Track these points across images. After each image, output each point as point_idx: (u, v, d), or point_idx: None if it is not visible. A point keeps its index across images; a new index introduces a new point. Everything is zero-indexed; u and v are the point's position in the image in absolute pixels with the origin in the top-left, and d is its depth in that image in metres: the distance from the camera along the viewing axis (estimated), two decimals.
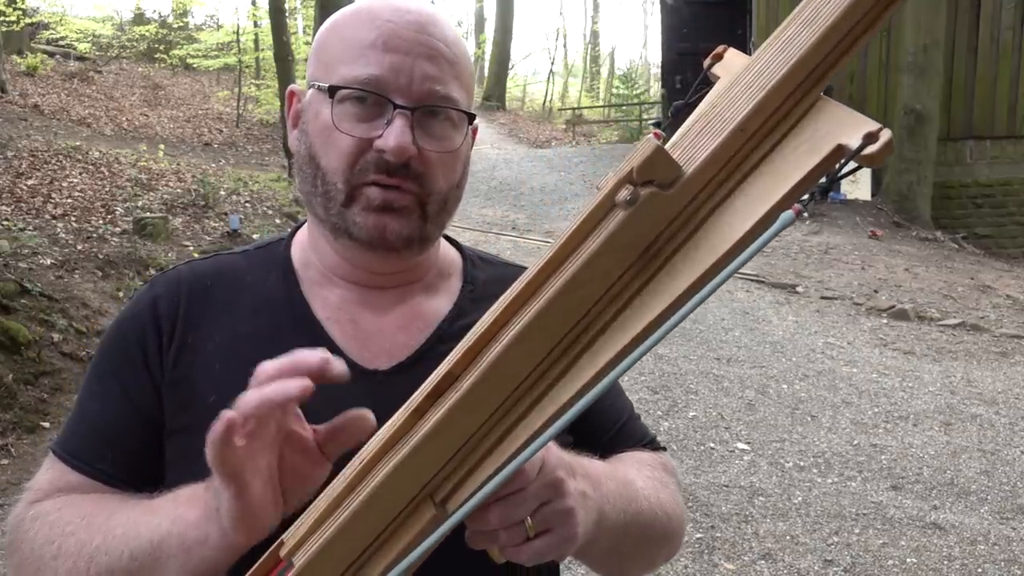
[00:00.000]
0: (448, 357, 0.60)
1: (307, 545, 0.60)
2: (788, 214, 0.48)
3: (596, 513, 0.71)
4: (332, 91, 0.78)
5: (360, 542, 0.59)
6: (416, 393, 0.61)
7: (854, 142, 0.48)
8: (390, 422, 0.61)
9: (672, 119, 0.60)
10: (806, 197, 0.52)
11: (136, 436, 0.82)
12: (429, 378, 0.61)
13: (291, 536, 0.62)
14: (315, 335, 0.83)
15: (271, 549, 0.63)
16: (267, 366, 0.60)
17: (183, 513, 0.68)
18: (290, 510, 0.64)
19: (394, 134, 0.76)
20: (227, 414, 0.56)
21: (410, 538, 0.59)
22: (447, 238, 0.96)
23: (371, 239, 0.79)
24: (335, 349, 0.82)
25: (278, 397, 0.57)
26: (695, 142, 0.55)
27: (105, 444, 0.82)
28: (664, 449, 0.98)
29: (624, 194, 0.53)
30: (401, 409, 0.61)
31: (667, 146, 0.56)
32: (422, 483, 0.59)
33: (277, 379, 0.59)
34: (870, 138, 0.48)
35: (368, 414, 0.63)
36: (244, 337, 0.82)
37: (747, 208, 0.53)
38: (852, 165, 0.51)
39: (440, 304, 0.89)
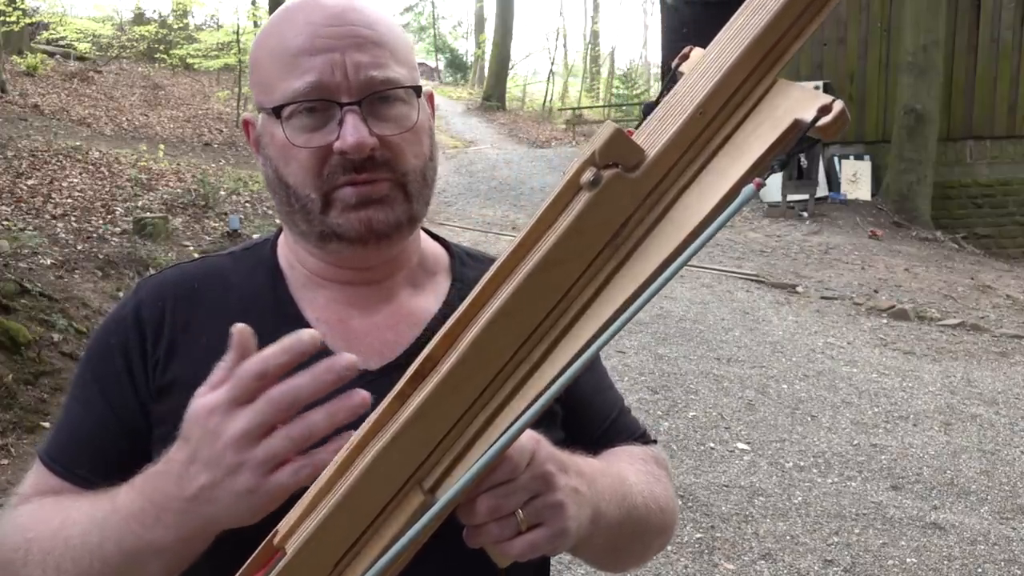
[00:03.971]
0: (430, 342, 0.61)
1: (298, 532, 0.61)
2: (749, 188, 0.51)
3: (590, 510, 0.71)
4: (277, 112, 0.78)
5: (351, 529, 0.60)
6: (401, 379, 0.62)
7: (809, 115, 0.51)
8: (378, 408, 0.62)
9: (644, 117, 0.62)
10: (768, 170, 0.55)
11: (116, 442, 0.82)
12: (413, 363, 0.62)
13: (284, 525, 0.63)
14: None
15: (265, 541, 0.63)
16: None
17: (136, 529, 0.67)
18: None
19: (349, 132, 0.76)
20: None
21: (400, 525, 0.60)
22: (432, 235, 0.96)
23: (360, 235, 0.79)
24: (324, 350, 0.82)
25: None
26: (659, 127, 0.58)
27: (84, 450, 0.82)
28: (655, 442, 0.99)
29: (588, 176, 0.55)
30: (388, 395, 0.62)
31: (636, 133, 0.58)
32: (410, 470, 0.60)
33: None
34: (824, 111, 0.50)
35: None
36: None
37: (712, 186, 0.55)
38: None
39: (429, 302, 0.89)
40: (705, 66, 0.58)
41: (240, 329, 0.64)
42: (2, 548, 0.77)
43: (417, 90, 0.82)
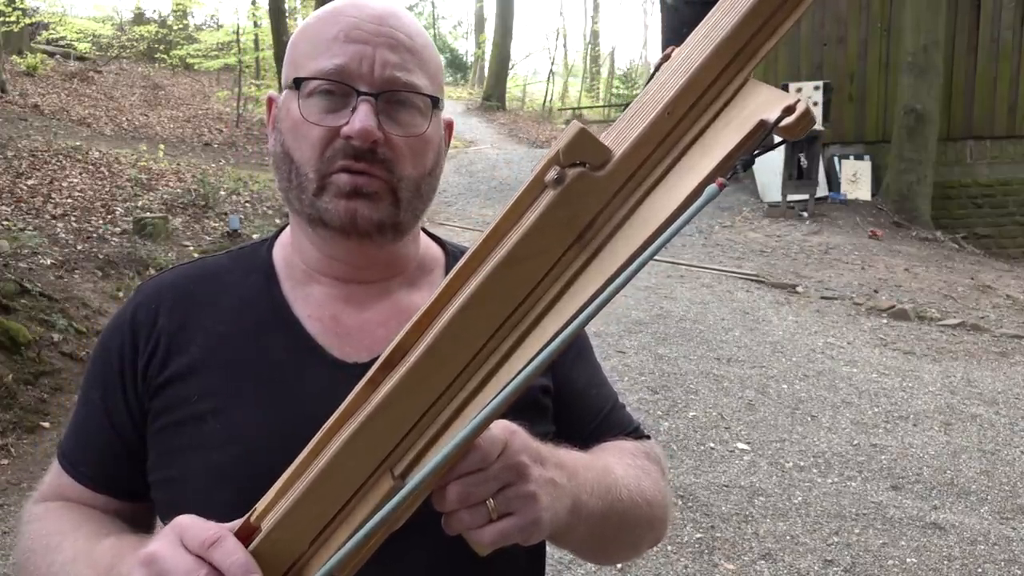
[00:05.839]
0: (400, 331, 0.62)
1: (274, 511, 0.62)
2: (712, 187, 0.51)
3: (569, 501, 0.72)
4: (298, 84, 0.81)
5: (323, 510, 0.61)
6: (373, 366, 0.63)
7: (773, 116, 0.51)
8: (350, 394, 0.63)
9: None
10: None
11: (112, 444, 0.85)
12: (384, 352, 0.62)
13: (261, 503, 0.64)
14: (294, 332, 0.84)
15: (243, 519, 0.64)
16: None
17: None
18: None
19: (359, 118, 0.78)
20: None
21: (370, 508, 0.61)
22: (429, 234, 0.97)
23: (343, 224, 0.81)
24: (314, 345, 0.84)
25: None
26: (628, 126, 0.58)
27: (86, 450, 0.87)
28: (648, 437, 0.99)
29: (552, 174, 0.56)
30: (360, 381, 0.63)
31: (606, 133, 0.58)
32: (380, 456, 0.61)
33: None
34: (788, 111, 0.50)
35: None
36: (225, 337, 0.84)
37: (677, 186, 0.55)
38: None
39: (423, 299, 0.89)
40: (676, 65, 0.58)
41: None
42: (20, 544, 0.84)
43: (435, 102, 0.84)
